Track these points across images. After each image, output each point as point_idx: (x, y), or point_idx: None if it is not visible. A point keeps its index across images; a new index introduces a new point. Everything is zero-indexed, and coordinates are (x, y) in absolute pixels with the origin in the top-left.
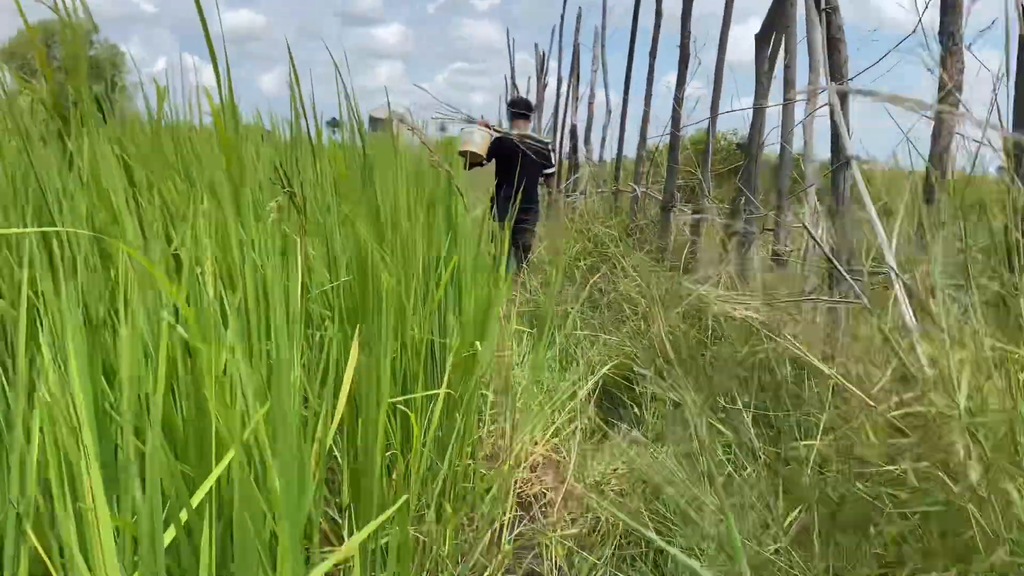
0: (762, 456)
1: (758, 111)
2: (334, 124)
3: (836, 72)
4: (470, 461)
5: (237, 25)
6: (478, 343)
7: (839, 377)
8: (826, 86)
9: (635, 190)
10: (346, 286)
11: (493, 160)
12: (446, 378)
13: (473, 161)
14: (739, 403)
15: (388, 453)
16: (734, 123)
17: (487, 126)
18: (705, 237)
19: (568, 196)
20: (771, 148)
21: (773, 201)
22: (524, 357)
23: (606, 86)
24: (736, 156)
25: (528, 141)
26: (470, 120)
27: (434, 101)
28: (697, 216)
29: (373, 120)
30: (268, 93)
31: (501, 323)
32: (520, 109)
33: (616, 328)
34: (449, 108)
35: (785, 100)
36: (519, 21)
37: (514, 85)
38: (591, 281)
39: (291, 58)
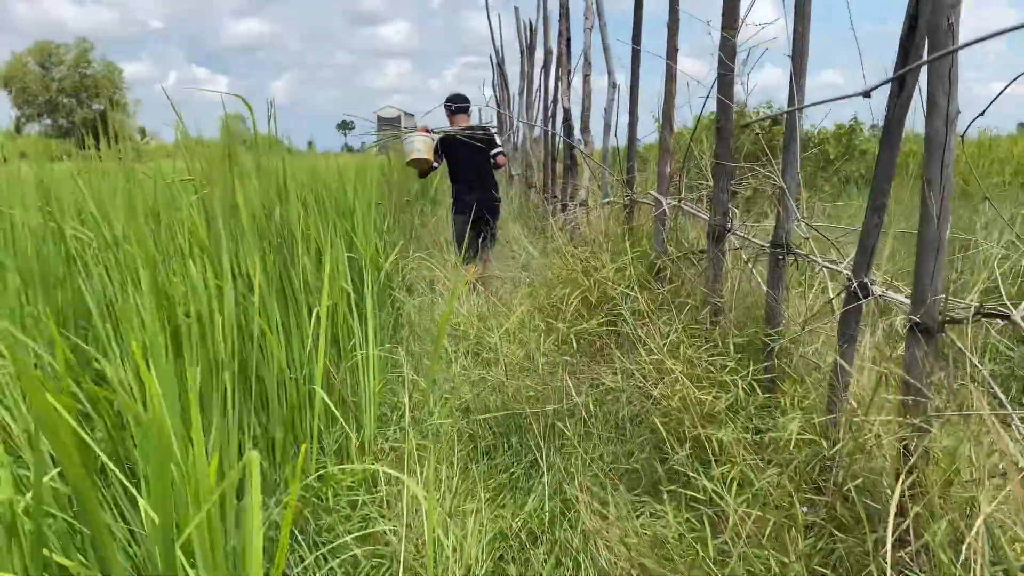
0: None
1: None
2: (344, 127)
3: None
4: None
5: (244, 34)
6: None
7: None
8: None
9: (662, 203)
10: None
11: (445, 161)
12: None
13: (424, 168)
14: None
15: None
16: (768, 94)
17: (426, 130)
18: (797, 292)
19: (563, 209)
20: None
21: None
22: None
23: (606, 51)
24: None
25: (469, 132)
26: (408, 130)
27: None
28: (778, 252)
29: (381, 120)
30: (279, 100)
31: None
32: (458, 103)
33: (652, 485)
34: (385, 126)
35: None
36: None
37: (499, 67)
38: (595, 369)
39: None
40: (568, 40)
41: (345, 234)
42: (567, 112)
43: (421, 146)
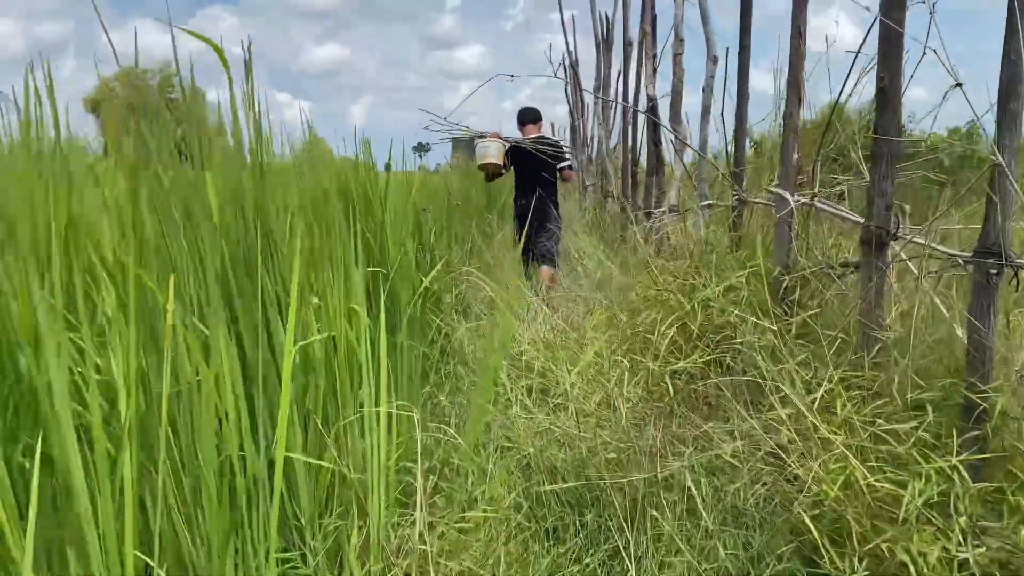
0: None
1: None
2: (420, 148)
3: None
4: None
5: (324, 59)
6: None
7: None
8: None
9: (787, 201)
10: None
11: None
12: None
13: (494, 172)
14: None
15: None
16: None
17: (499, 137)
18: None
19: (648, 217)
20: None
21: None
22: None
23: (705, 23)
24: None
25: (540, 145)
26: (480, 135)
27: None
28: (989, 265)
29: (454, 141)
30: (358, 123)
31: None
32: (528, 116)
33: None
34: (459, 126)
35: None
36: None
37: (572, 68)
38: (706, 426)
39: None
40: (654, 19)
41: (369, 243)
42: (652, 102)
43: (495, 151)
